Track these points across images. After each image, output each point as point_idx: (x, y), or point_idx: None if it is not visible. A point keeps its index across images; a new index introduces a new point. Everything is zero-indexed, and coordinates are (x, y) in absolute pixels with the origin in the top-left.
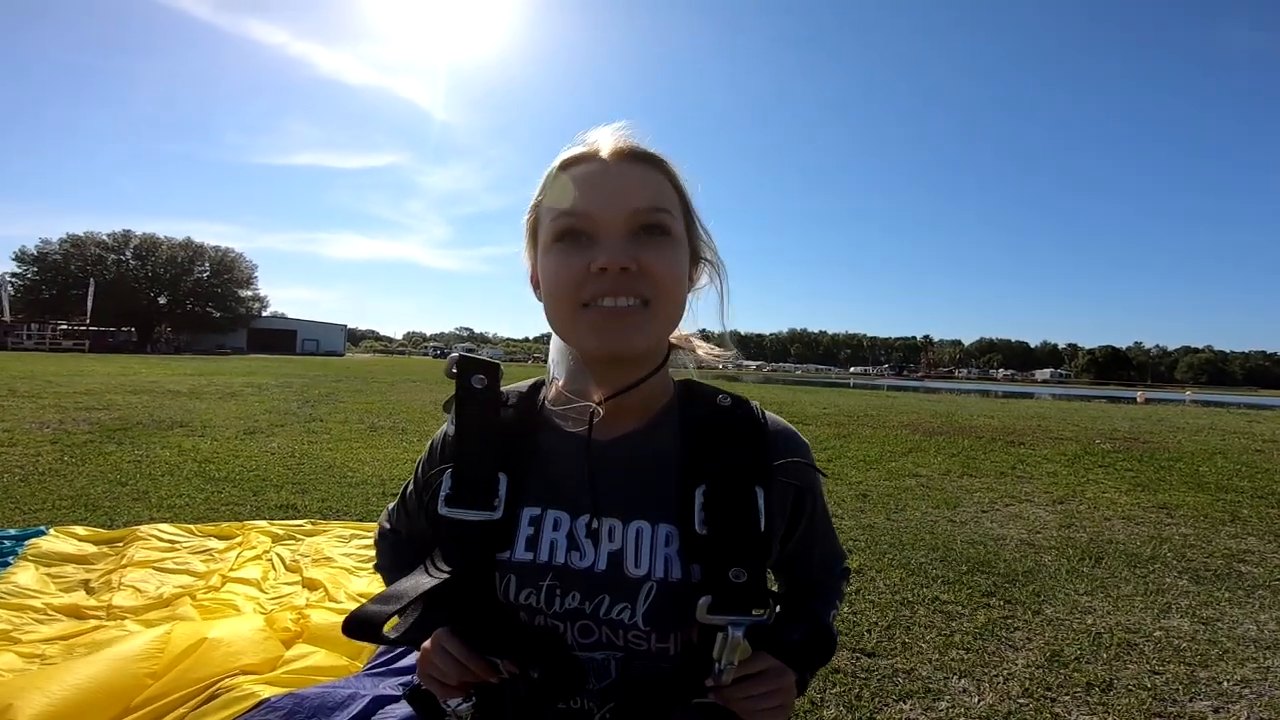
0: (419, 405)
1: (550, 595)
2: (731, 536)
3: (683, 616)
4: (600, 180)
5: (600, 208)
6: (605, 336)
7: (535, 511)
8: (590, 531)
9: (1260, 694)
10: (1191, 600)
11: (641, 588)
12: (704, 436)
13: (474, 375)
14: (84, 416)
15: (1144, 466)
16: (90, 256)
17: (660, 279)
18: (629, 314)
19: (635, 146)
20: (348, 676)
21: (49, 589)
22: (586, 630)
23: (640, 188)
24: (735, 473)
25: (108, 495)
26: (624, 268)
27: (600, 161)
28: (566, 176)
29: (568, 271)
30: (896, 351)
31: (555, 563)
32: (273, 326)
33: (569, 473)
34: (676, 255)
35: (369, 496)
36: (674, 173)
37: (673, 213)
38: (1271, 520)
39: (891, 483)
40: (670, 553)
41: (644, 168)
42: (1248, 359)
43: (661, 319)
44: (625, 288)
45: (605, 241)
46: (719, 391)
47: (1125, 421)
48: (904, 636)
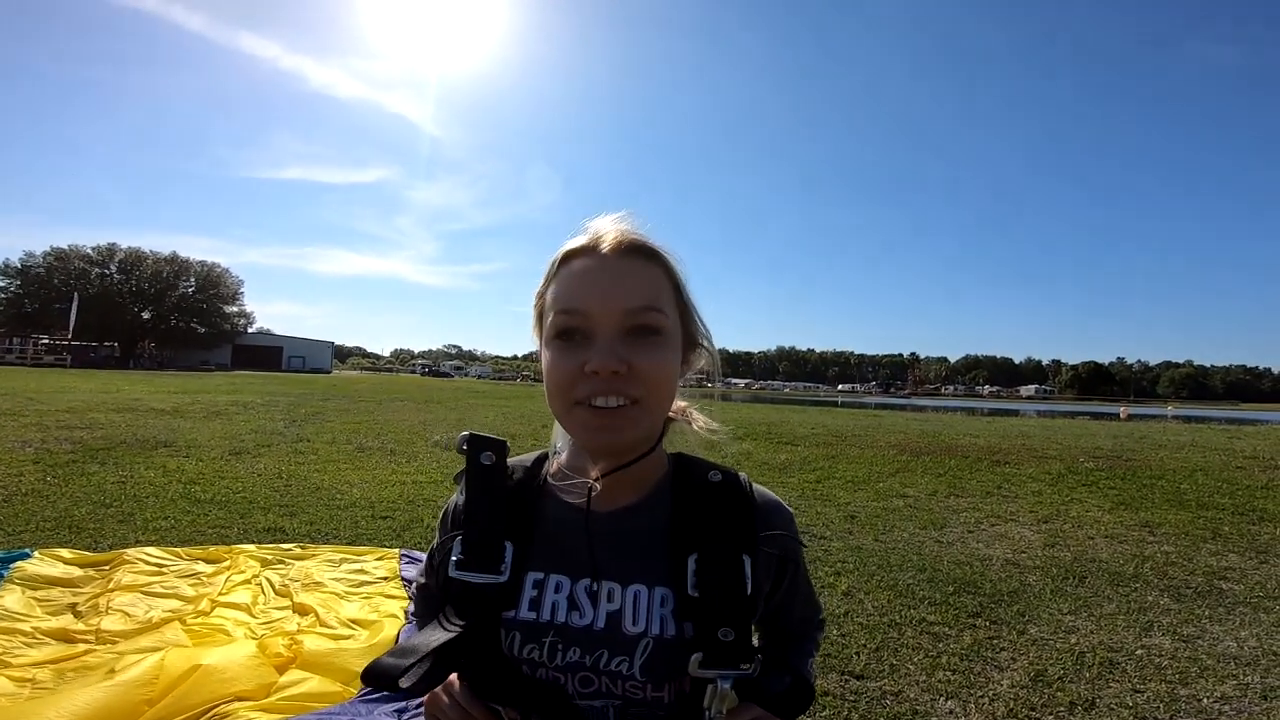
0: (408, 425)
1: (552, 650)
2: (721, 599)
3: (676, 669)
4: (599, 277)
5: (596, 306)
6: (596, 435)
7: (539, 575)
8: (590, 594)
9: (1240, 710)
10: (1173, 618)
11: (639, 643)
12: (696, 509)
13: (483, 452)
14: (66, 435)
15: (1127, 484)
16: (74, 270)
17: (650, 380)
18: (619, 414)
19: (634, 240)
20: (342, 703)
21: (36, 613)
22: (586, 680)
23: (636, 285)
24: (725, 543)
25: (92, 517)
26: (615, 371)
27: (599, 256)
28: (568, 270)
29: (563, 370)
30: (883, 369)
31: (557, 621)
32: (258, 343)
33: (570, 541)
34: (667, 354)
35: (358, 519)
36: (670, 265)
37: (665, 310)
38: (1252, 537)
39: (879, 503)
40: (665, 613)
41: (641, 263)
42: (1228, 373)
43: (650, 414)
44: (615, 389)
45: (599, 342)
46: (711, 467)
47: (1108, 439)
48: (892, 658)
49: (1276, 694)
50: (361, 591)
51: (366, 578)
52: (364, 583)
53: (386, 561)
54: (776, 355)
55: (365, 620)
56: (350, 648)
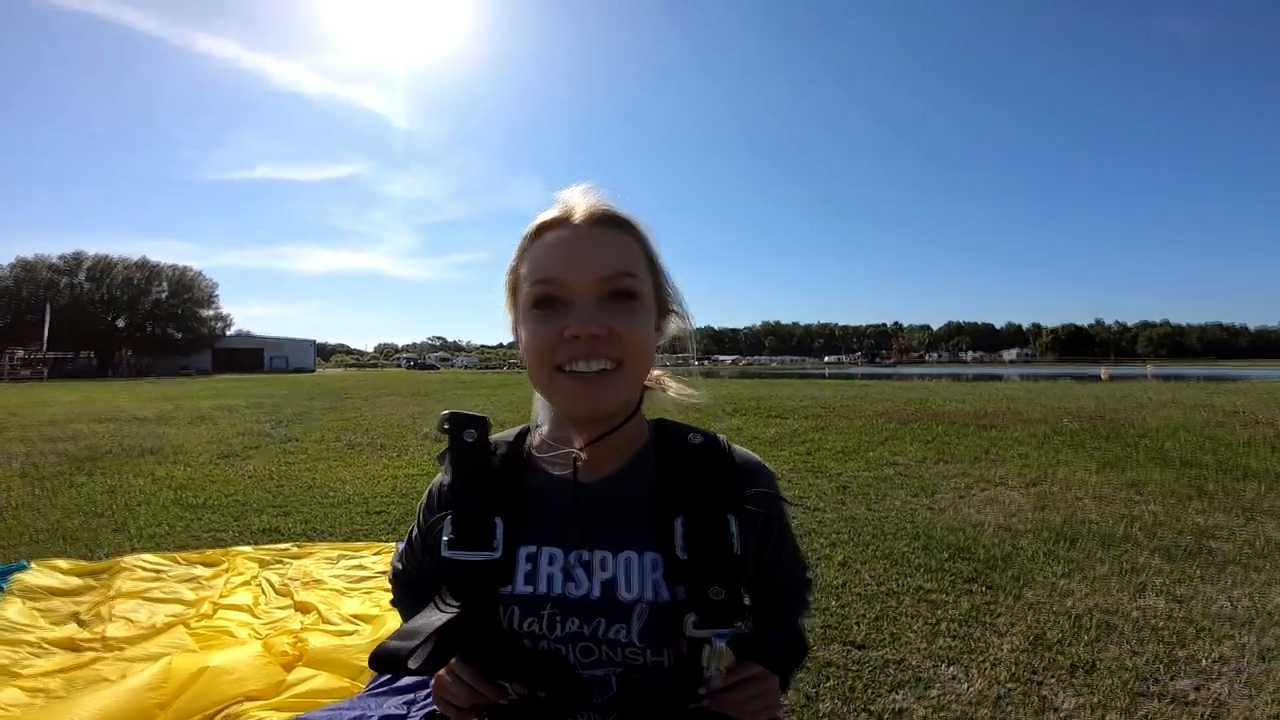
0: (396, 420)
1: (551, 622)
2: (710, 560)
3: (673, 632)
4: (572, 246)
5: (572, 275)
6: (579, 401)
7: (531, 549)
8: (583, 563)
9: (1239, 670)
10: (1165, 579)
11: (634, 609)
12: (679, 472)
13: (465, 430)
14: (50, 448)
15: (1111, 444)
16: (42, 280)
17: (629, 343)
18: (601, 379)
19: (606, 210)
20: (351, 698)
21: (39, 623)
22: (587, 650)
23: (610, 253)
24: (709, 504)
25: (85, 527)
26: (595, 334)
27: (572, 227)
28: (542, 242)
29: (543, 338)
30: (868, 339)
31: (554, 593)
32: (238, 345)
33: (559, 512)
34: (644, 317)
35: (352, 516)
36: (642, 234)
37: (639, 275)
38: (1237, 494)
39: (870, 472)
40: (657, 577)
41: (614, 231)
42: (1204, 331)
43: (631, 378)
44: (596, 352)
45: (578, 308)
46: (690, 430)
47: (1091, 400)
48: (892, 627)
49: (1273, 654)
50: (361, 587)
51: (365, 573)
52: (363, 578)
53: (384, 556)
54: (762, 331)
55: (368, 615)
56: (355, 643)
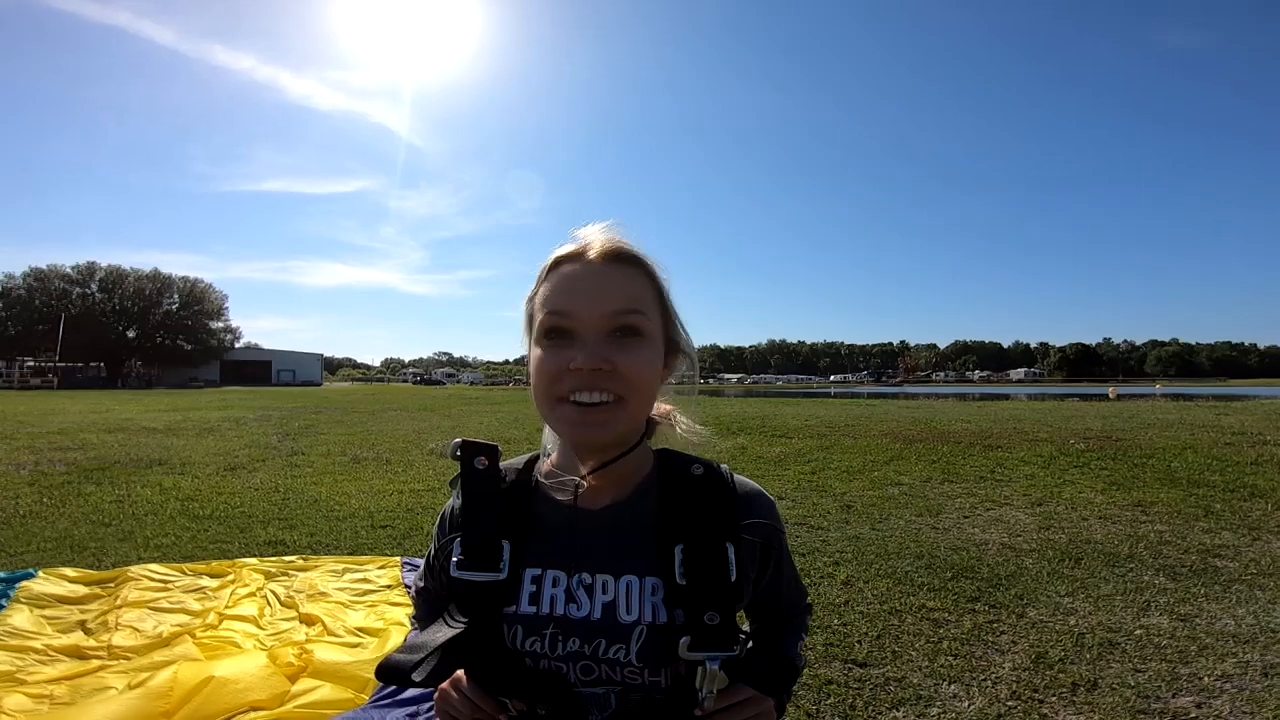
0: (401, 435)
1: (553, 641)
2: (707, 585)
3: (670, 654)
4: (584, 281)
5: (582, 308)
6: (578, 429)
7: (536, 571)
8: (585, 586)
9: (1241, 688)
10: (1169, 597)
11: (633, 631)
12: (680, 502)
13: (476, 457)
14: (59, 457)
15: (1118, 464)
16: (55, 290)
17: (631, 379)
18: (600, 411)
19: (621, 248)
20: (355, 709)
21: (46, 630)
22: (587, 669)
23: (619, 289)
24: (709, 532)
25: (92, 536)
26: (598, 368)
27: (586, 262)
28: (557, 275)
29: (549, 367)
30: (874, 358)
31: (556, 614)
32: (247, 358)
33: (564, 537)
34: (648, 354)
35: (358, 530)
36: (654, 272)
37: (647, 313)
38: (1244, 514)
39: (875, 492)
40: (657, 601)
41: (626, 269)
42: (1214, 350)
43: (631, 413)
44: (598, 384)
45: (584, 341)
46: (693, 461)
47: (1098, 420)
48: (894, 645)
49: (1277, 671)
50: (366, 600)
51: (370, 586)
52: (368, 591)
53: (389, 570)
54: (768, 349)
55: (372, 629)
56: (360, 656)
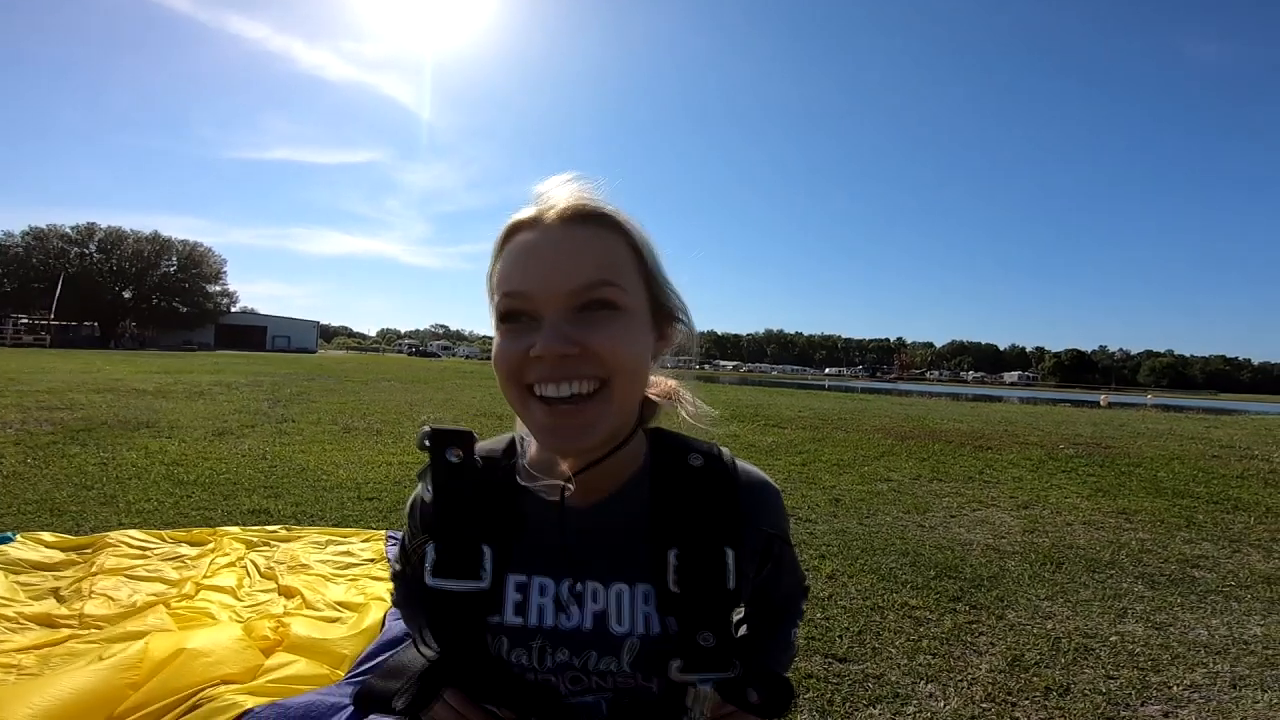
0: (393, 405)
1: (541, 654)
2: (701, 596)
3: (664, 662)
4: (541, 253)
5: (540, 286)
6: (553, 436)
7: (521, 578)
8: (575, 594)
9: (1209, 698)
10: (1146, 605)
11: (625, 643)
12: (675, 499)
13: (448, 448)
14: (46, 417)
15: (1105, 471)
16: (53, 249)
17: (609, 358)
18: (580, 409)
19: (584, 205)
20: (330, 685)
21: (19, 597)
22: (576, 680)
23: (585, 258)
24: (706, 536)
25: (74, 499)
26: (563, 354)
27: (543, 228)
28: (511, 246)
29: (507, 356)
30: (870, 353)
31: (545, 625)
32: (242, 323)
33: (549, 540)
34: (628, 329)
35: (344, 501)
36: (628, 231)
37: (621, 283)
38: (1225, 525)
39: (864, 487)
40: (649, 610)
41: (592, 230)
42: (1208, 363)
43: (619, 399)
44: (567, 373)
45: (547, 323)
46: (690, 448)
47: (1088, 426)
48: (874, 642)
49: (1245, 682)
50: (347, 574)
51: (353, 560)
52: (350, 565)
53: (373, 543)
54: (764, 338)
55: (352, 603)
56: (338, 630)
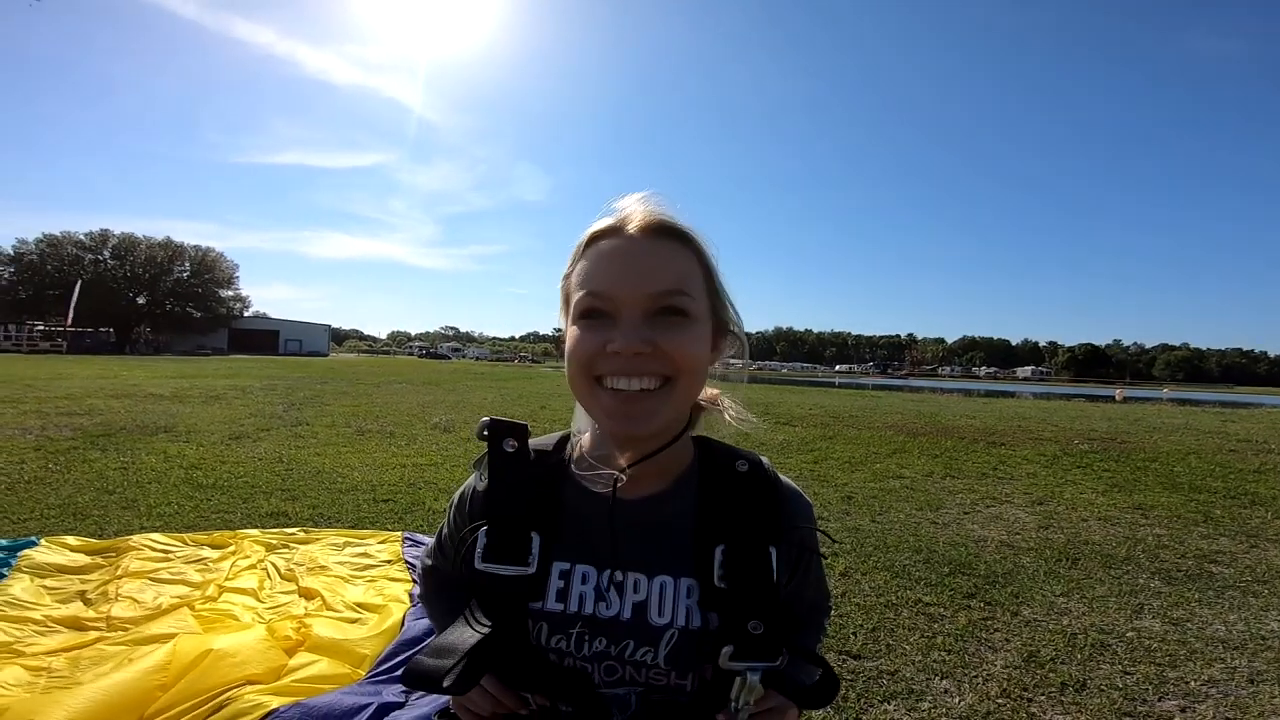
0: (406, 408)
1: (579, 641)
2: (748, 590)
3: (700, 659)
4: (623, 259)
5: (621, 289)
6: (620, 421)
7: (565, 566)
8: (616, 584)
9: (1226, 694)
10: (1163, 601)
11: (664, 634)
12: (722, 499)
13: (505, 439)
14: (66, 422)
15: (1121, 467)
16: (67, 256)
17: (677, 360)
18: (644, 398)
19: (663, 221)
20: (352, 684)
21: (45, 601)
22: (611, 670)
23: (662, 268)
24: (752, 534)
25: (96, 504)
26: (638, 352)
27: (626, 238)
28: (594, 251)
29: (585, 347)
30: (881, 350)
31: (584, 613)
32: (254, 327)
33: (596, 531)
34: (695, 335)
35: (359, 503)
36: (700, 247)
37: (692, 293)
38: (1243, 520)
39: (876, 484)
40: (691, 603)
41: (669, 244)
42: (1224, 356)
43: (679, 398)
44: (639, 369)
45: (624, 323)
46: (737, 455)
47: (1103, 421)
48: (888, 638)
49: (1263, 678)
50: (366, 575)
51: (370, 561)
52: (368, 566)
53: (389, 545)
54: (774, 335)
55: (371, 604)
56: (358, 631)
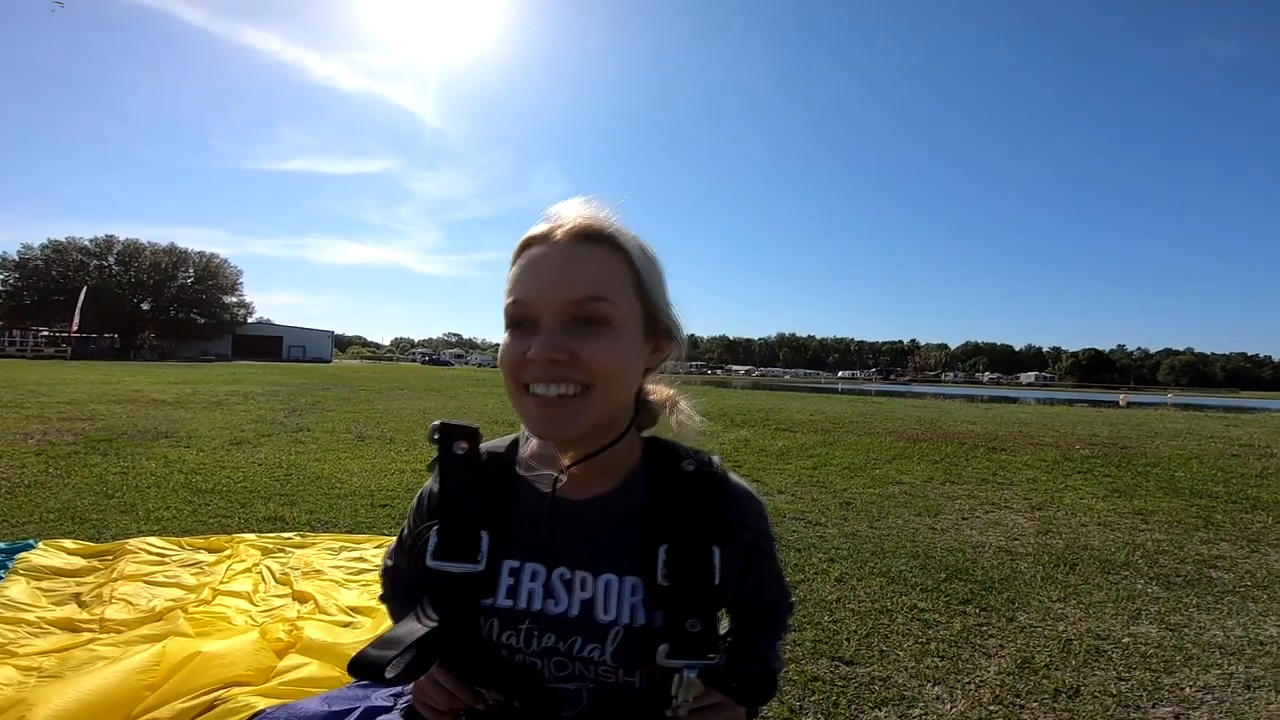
0: (407, 414)
1: (529, 637)
2: (690, 589)
3: (646, 656)
4: (545, 266)
5: (540, 295)
6: (540, 424)
7: (514, 564)
8: (564, 582)
9: (1222, 700)
10: (1161, 607)
11: (610, 631)
12: (668, 498)
13: (455, 442)
14: (68, 427)
15: (1121, 472)
16: (72, 262)
17: (595, 367)
18: (563, 403)
19: (589, 226)
20: (341, 687)
21: (41, 603)
22: (561, 665)
23: (583, 274)
24: (695, 534)
25: (95, 507)
26: (552, 359)
27: (552, 244)
28: (523, 259)
29: (510, 356)
30: (884, 355)
31: (533, 609)
32: (258, 333)
33: (544, 529)
34: (616, 342)
35: (357, 508)
36: (629, 251)
37: (613, 299)
38: (1244, 525)
39: (875, 490)
40: (636, 601)
41: (595, 249)
42: (1229, 360)
43: (601, 403)
44: (556, 376)
45: (544, 330)
46: (684, 454)
47: (1105, 426)
48: (882, 644)
49: (1260, 684)
50: (360, 579)
51: (365, 565)
52: (363, 570)
53: (385, 549)
54: (777, 342)
55: (365, 608)
56: (351, 634)
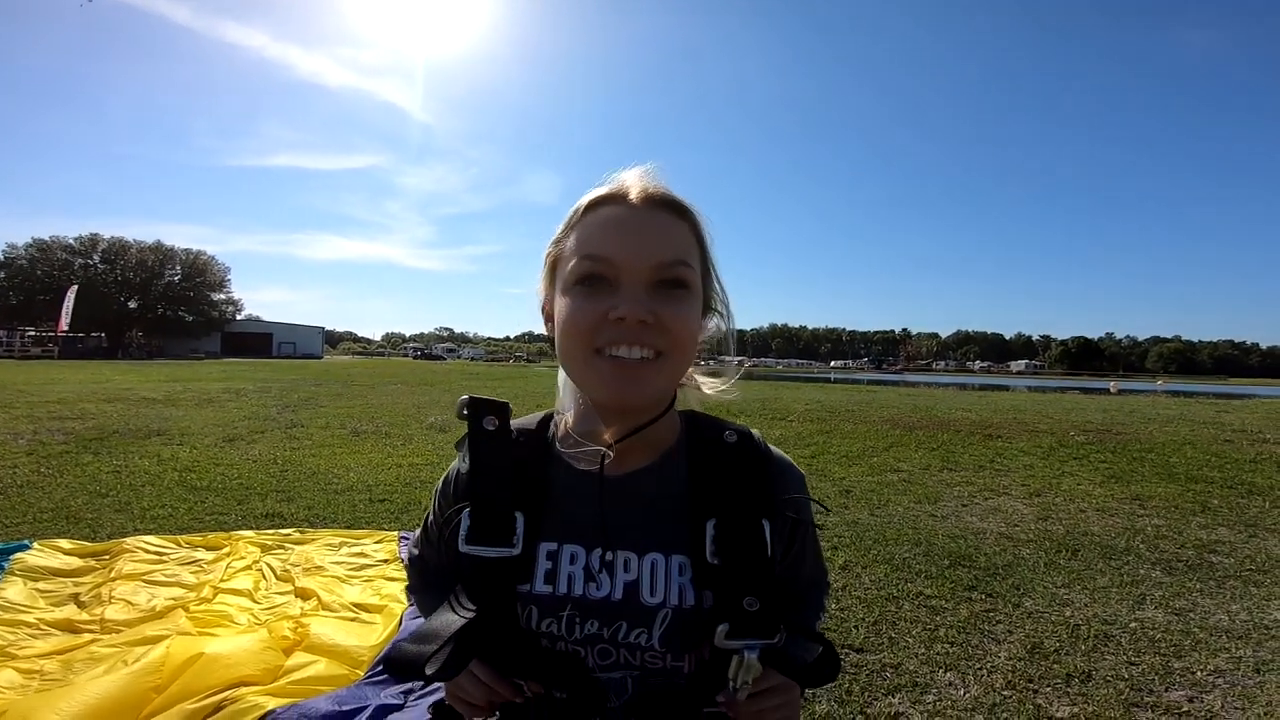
0: (401, 408)
1: (570, 624)
2: (743, 566)
3: (696, 638)
4: (627, 227)
5: (625, 256)
6: (616, 388)
7: (552, 546)
8: (606, 564)
9: (1233, 683)
10: (1165, 591)
11: (657, 614)
12: (712, 472)
13: (485, 417)
14: (58, 426)
15: (1117, 458)
16: (57, 261)
17: (676, 333)
18: (642, 366)
19: (665, 193)
20: (349, 686)
21: (39, 604)
22: (605, 653)
23: (666, 238)
24: (744, 507)
25: (89, 507)
26: (642, 320)
27: (628, 205)
28: (593, 217)
29: (585, 316)
30: (875, 345)
31: (574, 594)
32: (248, 330)
33: (583, 510)
34: (693, 309)
35: (355, 503)
36: (698, 223)
37: (693, 266)
38: (1241, 510)
39: (874, 478)
40: (684, 581)
41: (671, 216)
42: (1216, 348)
43: (672, 371)
44: (640, 339)
45: (627, 291)
46: (725, 426)
47: (1098, 413)
48: (890, 632)
49: (1269, 667)
50: (363, 574)
51: (367, 560)
52: (364, 565)
53: (386, 544)
54: (769, 332)
55: (368, 604)
56: (356, 632)
